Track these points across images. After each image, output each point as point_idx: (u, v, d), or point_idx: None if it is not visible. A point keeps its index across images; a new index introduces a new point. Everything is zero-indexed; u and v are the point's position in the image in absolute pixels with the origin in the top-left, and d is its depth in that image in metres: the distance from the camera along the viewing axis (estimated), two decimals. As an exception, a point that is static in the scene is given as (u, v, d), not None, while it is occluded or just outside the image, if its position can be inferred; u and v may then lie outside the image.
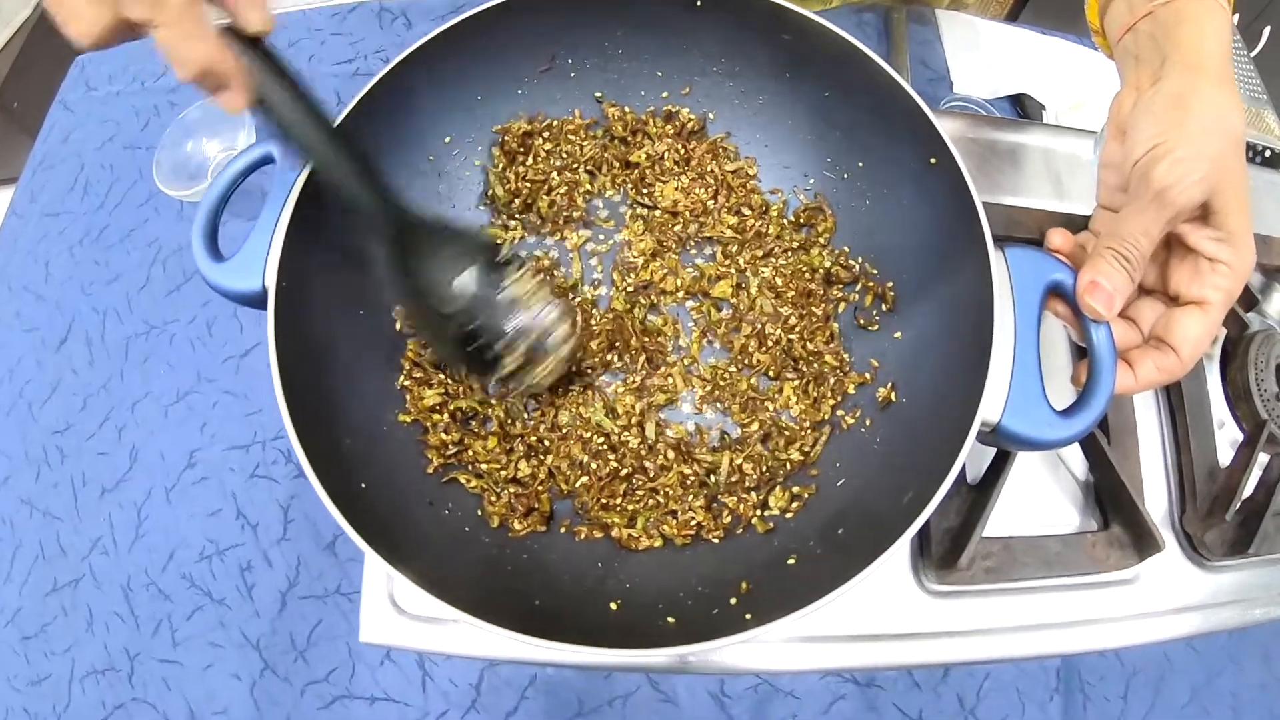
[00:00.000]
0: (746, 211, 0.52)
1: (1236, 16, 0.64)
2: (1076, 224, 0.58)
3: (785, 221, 0.53)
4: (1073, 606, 0.48)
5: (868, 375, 0.48)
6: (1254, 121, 0.67)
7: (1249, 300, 0.55)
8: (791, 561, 0.41)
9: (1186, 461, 0.52)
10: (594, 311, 0.50)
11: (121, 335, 0.65)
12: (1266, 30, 0.74)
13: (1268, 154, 0.66)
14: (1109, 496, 0.50)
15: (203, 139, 0.67)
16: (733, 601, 0.38)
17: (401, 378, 0.46)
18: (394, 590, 0.46)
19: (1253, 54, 0.72)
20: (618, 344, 0.48)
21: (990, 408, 0.35)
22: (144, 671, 0.57)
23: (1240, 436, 0.53)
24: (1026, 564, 0.47)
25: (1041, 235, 0.56)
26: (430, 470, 0.44)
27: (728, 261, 0.51)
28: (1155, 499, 0.52)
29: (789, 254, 0.51)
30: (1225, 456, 0.53)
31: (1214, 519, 0.50)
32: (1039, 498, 0.51)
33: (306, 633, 0.55)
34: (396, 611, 0.46)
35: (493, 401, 0.47)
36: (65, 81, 0.78)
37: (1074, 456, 0.52)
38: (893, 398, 0.46)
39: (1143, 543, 0.47)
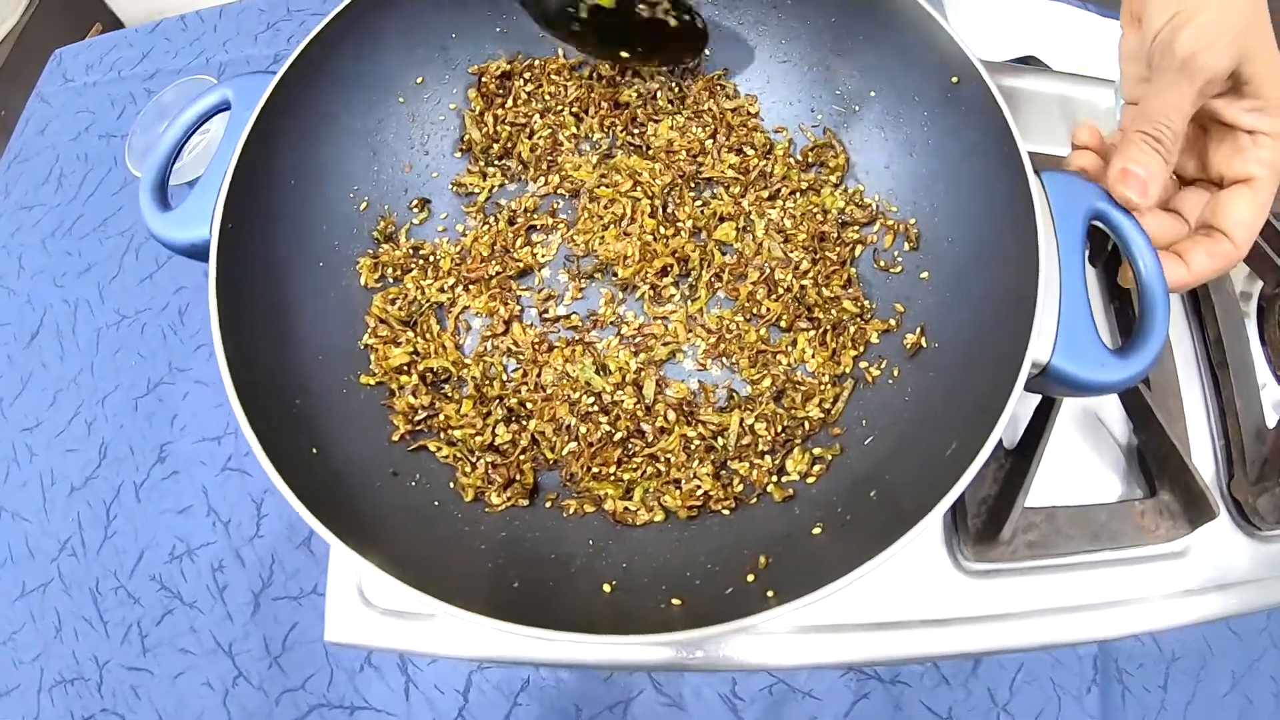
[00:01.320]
0: (749, 151, 0.48)
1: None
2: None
3: (792, 160, 0.48)
4: (1116, 584, 0.44)
5: (892, 321, 0.44)
6: None
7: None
8: (817, 531, 0.36)
9: (1233, 424, 0.48)
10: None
11: (93, 327, 0.63)
12: None
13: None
14: (1156, 460, 0.45)
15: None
16: (749, 579, 0.33)
17: (366, 336, 0.42)
18: (362, 582, 0.41)
19: None
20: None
21: (1040, 347, 0.31)
22: (113, 680, 0.54)
23: (1283, 397, 0.49)
24: (1072, 536, 0.42)
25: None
26: (395, 438, 0.40)
27: (731, 203, 0.47)
28: (1203, 466, 0.48)
29: (797, 195, 0.47)
30: (1272, 418, 0.48)
31: (1265, 484, 0.46)
32: (1080, 465, 0.47)
33: (281, 637, 0.52)
34: (365, 605, 0.41)
35: (468, 362, 0.43)
36: (43, 75, 0.77)
37: (1115, 418, 0.47)
38: (923, 343, 0.41)
39: (1195, 509, 0.43)
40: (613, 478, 0.40)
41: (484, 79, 0.49)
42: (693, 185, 0.49)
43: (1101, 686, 0.48)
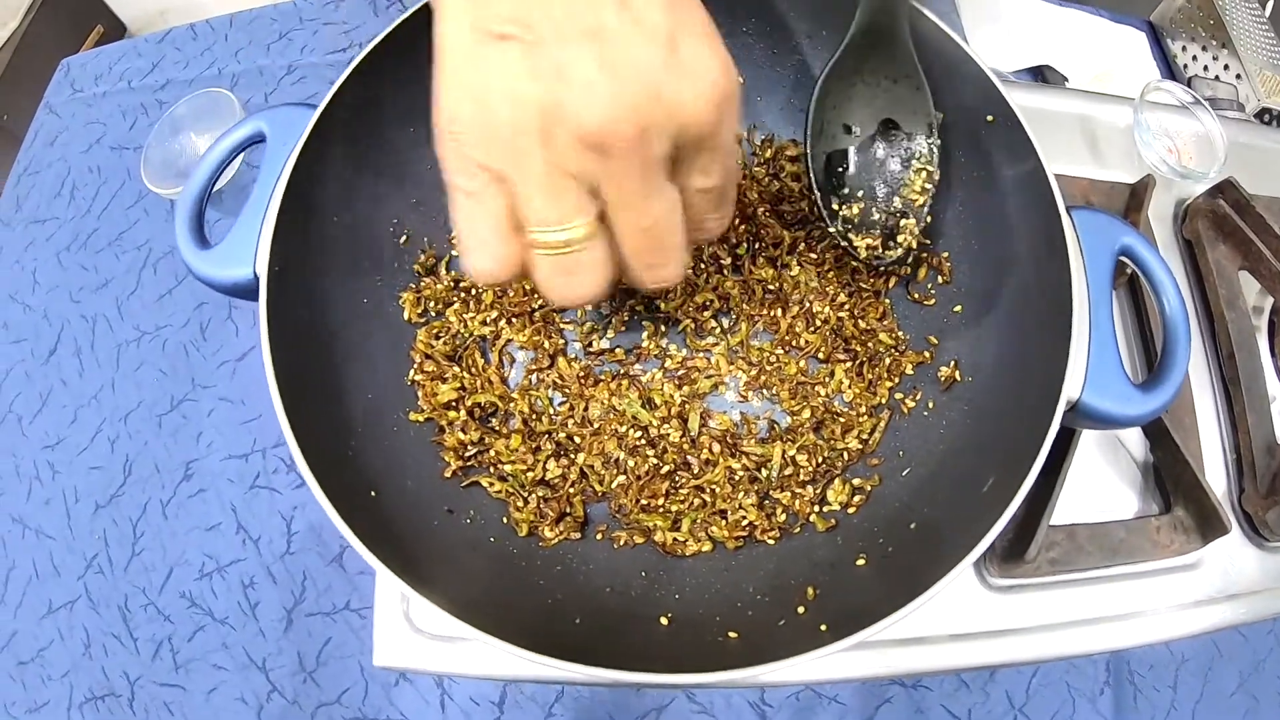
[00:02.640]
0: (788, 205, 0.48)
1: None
2: (1118, 193, 0.55)
3: None
4: (1131, 596, 0.46)
5: (926, 354, 0.45)
6: (1277, 90, 0.64)
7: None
8: (861, 562, 0.37)
9: (1244, 440, 0.50)
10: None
11: (112, 343, 0.62)
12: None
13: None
14: (1171, 477, 0.47)
15: (191, 134, 0.65)
16: (800, 610, 0.35)
17: (412, 372, 0.43)
18: (409, 609, 0.42)
19: (1265, 14, 0.69)
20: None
21: (1071, 385, 0.32)
22: (145, 697, 0.54)
23: (1294, 411, 0.50)
24: (1091, 553, 0.44)
25: (1086, 203, 0.53)
26: (448, 474, 0.40)
27: (771, 242, 0.48)
28: (1215, 481, 0.50)
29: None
30: (1281, 434, 0.50)
31: (1275, 497, 0.48)
32: (1099, 482, 0.48)
33: (315, 652, 0.53)
34: (413, 631, 0.42)
35: (514, 396, 0.44)
36: (50, 85, 0.75)
37: (1132, 437, 0.49)
38: (956, 376, 0.42)
39: (1208, 524, 0.45)
40: (661, 509, 0.41)
41: None
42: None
43: (1114, 688, 0.50)
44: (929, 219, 0.40)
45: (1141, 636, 0.45)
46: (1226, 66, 0.69)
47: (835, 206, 0.40)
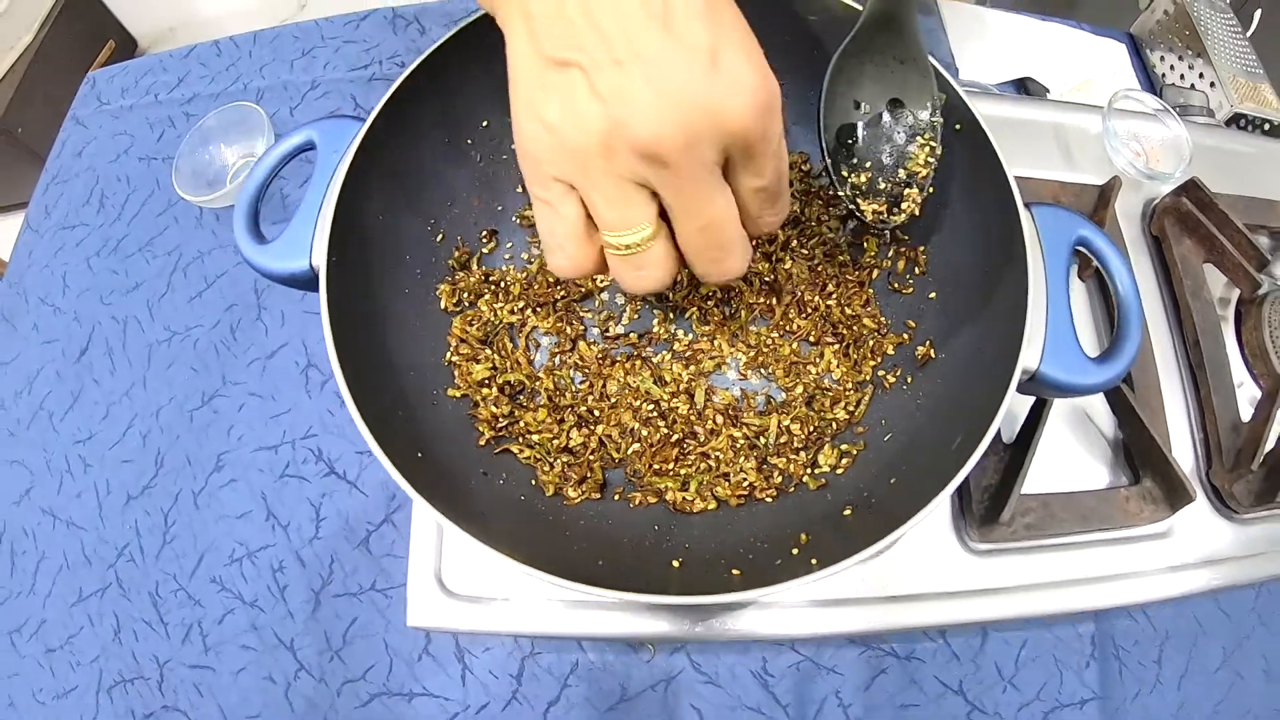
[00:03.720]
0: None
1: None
2: (1088, 194, 0.59)
3: (820, 202, 0.54)
4: (1108, 561, 0.49)
5: (905, 335, 0.49)
6: (1252, 95, 0.69)
7: (1260, 260, 0.57)
8: (848, 513, 0.41)
9: (1210, 419, 0.54)
10: None
11: (143, 342, 0.65)
12: (1258, 13, 0.76)
13: (1266, 126, 0.68)
14: (1139, 452, 0.51)
15: (220, 145, 0.68)
16: (794, 551, 0.39)
17: (449, 354, 0.47)
18: (441, 571, 0.46)
19: (1247, 34, 0.74)
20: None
21: (1029, 356, 0.37)
22: (174, 678, 0.56)
23: (1259, 394, 0.55)
24: (1064, 519, 0.48)
25: (1055, 202, 0.58)
26: (481, 442, 0.45)
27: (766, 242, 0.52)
28: (1182, 456, 0.53)
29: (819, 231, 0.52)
30: (1246, 413, 0.54)
31: (1240, 471, 0.52)
32: (1071, 457, 0.52)
33: (342, 631, 0.55)
34: (444, 594, 0.46)
35: (540, 375, 0.48)
36: (77, 98, 0.78)
37: (1103, 416, 0.53)
38: (931, 354, 0.47)
39: (1174, 494, 0.48)
40: (671, 473, 0.45)
41: None
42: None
43: (1100, 661, 0.53)
44: (932, 189, 0.44)
45: (1119, 598, 0.49)
46: (1202, 75, 0.73)
47: (845, 173, 0.44)
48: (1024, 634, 0.53)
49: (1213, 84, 0.72)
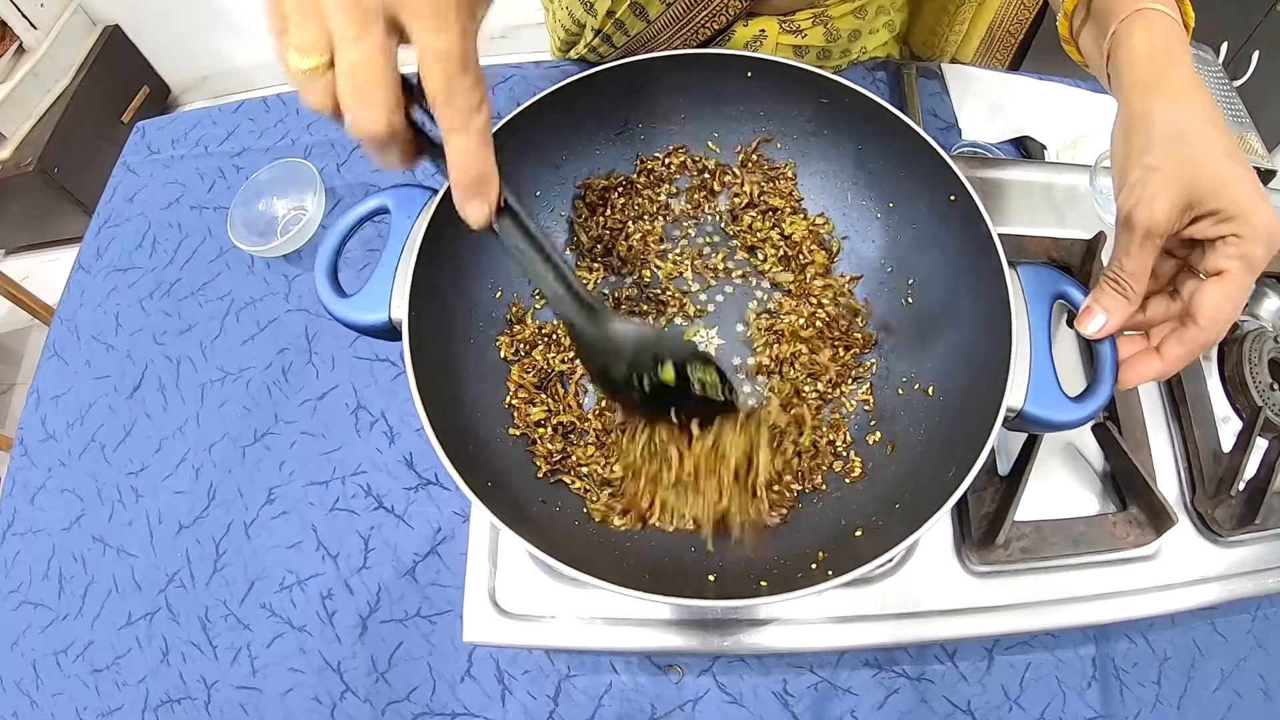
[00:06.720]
0: (810, 266, 0.58)
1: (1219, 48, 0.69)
2: (1076, 248, 0.65)
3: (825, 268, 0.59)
4: (1100, 581, 0.54)
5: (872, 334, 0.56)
6: (1239, 144, 0.74)
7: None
8: (859, 534, 0.46)
9: (1193, 449, 0.58)
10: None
11: (196, 381, 0.68)
12: (1256, 54, 0.81)
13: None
14: (1125, 481, 0.55)
15: (272, 198, 0.73)
16: (813, 566, 0.44)
17: (508, 397, 0.52)
18: (495, 591, 0.50)
19: (1244, 79, 0.79)
20: None
21: (1014, 397, 0.42)
22: (220, 699, 0.58)
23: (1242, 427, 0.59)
24: (1055, 543, 0.53)
25: (1047, 259, 0.63)
26: (539, 475, 0.50)
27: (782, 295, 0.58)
28: (1167, 485, 0.57)
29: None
30: (1228, 445, 0.59)
31: (1221, 496, 0.56)
32: (1063, 487, 0.57)
33: (387, 655, 0.58)
34: (498, 612, 0.50)
35: (589, 417, 0.53)
36: (127, 145, 0.83)
37: (1091, 449, 0.58)
38: (929, 392, 0.52)
39: (1158, 519, 0.53)
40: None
41: (587, 192, 0.58)
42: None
43: (1101, 683, 0.56)
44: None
45: (1111, 614, 0.53)
46: (1193, 127, 0.77)
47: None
48: (1028, 656, 0.56)
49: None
